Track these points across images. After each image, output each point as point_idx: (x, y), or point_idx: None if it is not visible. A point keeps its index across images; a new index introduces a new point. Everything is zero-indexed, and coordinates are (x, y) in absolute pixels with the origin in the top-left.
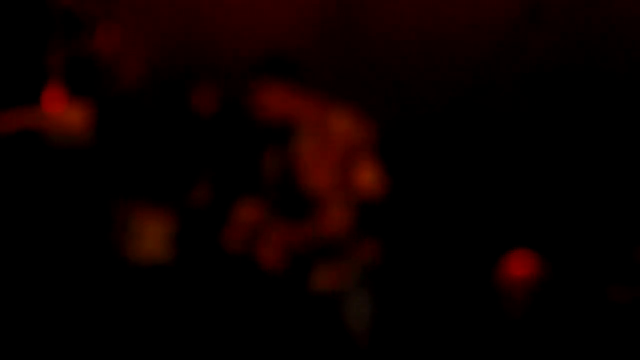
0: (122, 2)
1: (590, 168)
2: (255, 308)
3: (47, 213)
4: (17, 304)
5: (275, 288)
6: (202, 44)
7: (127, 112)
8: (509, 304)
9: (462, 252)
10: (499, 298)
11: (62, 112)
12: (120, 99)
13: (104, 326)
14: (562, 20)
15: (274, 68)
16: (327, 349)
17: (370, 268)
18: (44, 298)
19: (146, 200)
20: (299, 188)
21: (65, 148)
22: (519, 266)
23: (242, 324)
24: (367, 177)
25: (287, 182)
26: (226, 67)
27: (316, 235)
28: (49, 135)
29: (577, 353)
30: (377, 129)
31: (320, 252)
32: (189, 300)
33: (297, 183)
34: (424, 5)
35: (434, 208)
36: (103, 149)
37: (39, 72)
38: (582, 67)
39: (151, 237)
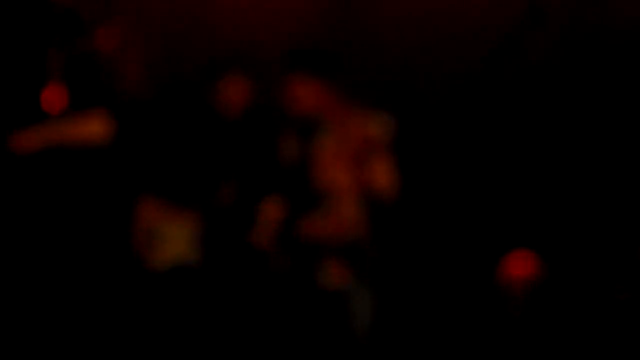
0: (122, 1)
1: (590, 167)
2: (263, 303)
3: (70, 216)
4: (38, 305)
5: (283, 283)
6: (203, 40)
7: (147, 113)
8: (509, 303)
9: (463, 251)
10: (500, 297)
11: (84, 122)
12: (138, 101)
13: (126, 326)
14: (562, 20)
15: (309, 62)
16: (330, 345)
17: (375, 265)
18: (66, 299)
19: (170, 202)
20: (315, 183)
21: (87, 153)
22: (519, 266)
23: (249, 319)
24: (383, 178)
25: (304, 176)
26: (229, 62)
27: (328, 231)
28: (71, 145)
29: (577, 352)
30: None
31: (331, 249)
32: (214, 301)
33: (313, 178)
34: (423, 5)
35: (433, 206)
36: (125, 151)
37: (39, 73)
38: (582, 67)
39: (176, 239)
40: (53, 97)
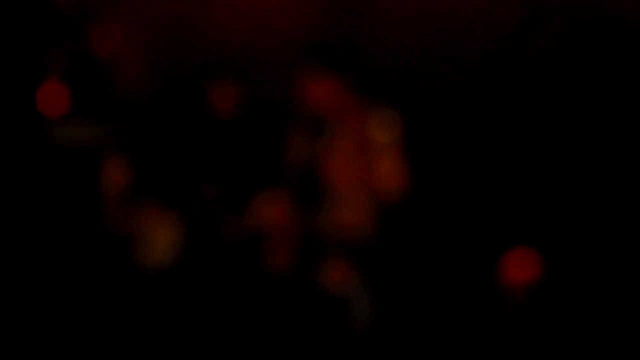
0: (122, 2)
1: (591, 167)
2: (262, 305)
3: (59, 218)
4: (29, 306)
5: (283, 285)
6: (203, 40)
7: (142, 114)
8: (509, 303)
9: (463, 252)
10: (500, 297)
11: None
12: (136, 101)
13: (114, 327)
14: (562, 20)
15: (326, 59)
16: (331, 346)
17: (379, 266)
18: (55, 300)
19: (156, 204)
20: (322, 181)
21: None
22: (519, 266)
23: (247, 321)
24: (389, 177)
25: (311, 173)
26: (225, 63)
27: (332, 230)
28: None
29: (576, 352)
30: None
31: (334, 248)
32: (199, 302)
33: (321, 176)
34: (423, 4)
35: (433, 206)
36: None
37: (39, 72)
38: (582, 67)
39: (161, 241)
40: (53, 97)
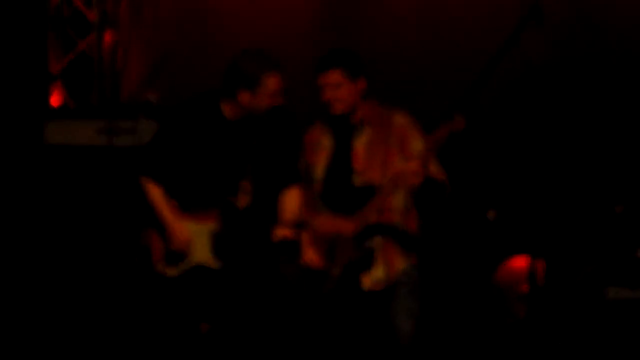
0: (124, 2)
1: (591, 167)
2: (302, 306)
3: (91, 220)
4: (54, 308)
5: (323, 286)
6: (202, 41)
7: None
8: (509, 303)
9: (463, 252)
10: (500, 297)
11: None
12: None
13: (145, 330)
14: (562, 20)
15: (348, 63)
16: (373, 346)
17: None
18: (81, 301)
19: (188, 205)
20: (354, 181)
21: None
22: (519, 266)
23: (270, 320)
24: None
25: (343, 175)
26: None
27: (369, 228)
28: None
29: (576, 352)
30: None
31: (371, 249)
32: (235, 304)
33: (351, 176)
34: (423, 5)
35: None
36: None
37: (40, 73)
38: (581, 67)
39: (196, 243)
40: (53, 97)
